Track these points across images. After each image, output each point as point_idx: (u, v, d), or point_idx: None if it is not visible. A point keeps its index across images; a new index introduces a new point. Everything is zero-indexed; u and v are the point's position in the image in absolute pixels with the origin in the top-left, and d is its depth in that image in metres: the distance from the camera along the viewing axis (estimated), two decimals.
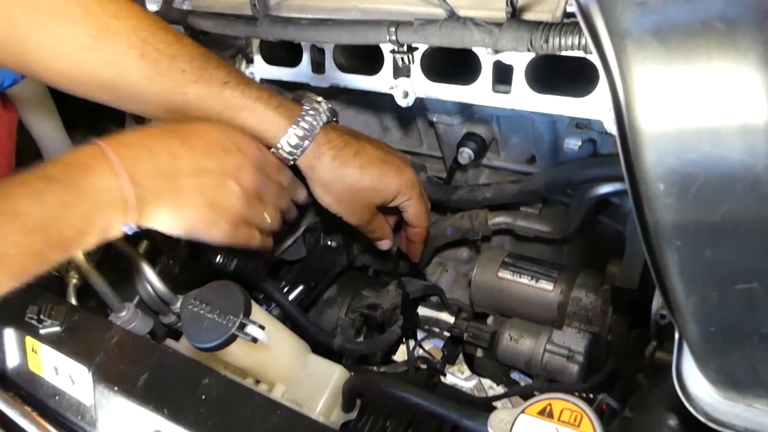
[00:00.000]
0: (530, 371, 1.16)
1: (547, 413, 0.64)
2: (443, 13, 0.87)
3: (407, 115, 1.31)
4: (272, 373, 0.92)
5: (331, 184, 1.02)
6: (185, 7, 1.15)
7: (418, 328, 1.35)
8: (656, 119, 0.42)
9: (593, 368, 1.10)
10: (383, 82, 1.05)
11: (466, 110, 1.17)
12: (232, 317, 0.82)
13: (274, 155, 0.98)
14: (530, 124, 1.13)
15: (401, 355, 1.37)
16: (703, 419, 0.56)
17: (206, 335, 0.82)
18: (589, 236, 1.24)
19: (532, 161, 1.24)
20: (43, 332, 0.95)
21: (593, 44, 0.44)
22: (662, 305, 0.86)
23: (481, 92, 0.97)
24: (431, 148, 1.36)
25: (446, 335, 1.35)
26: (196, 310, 0.84)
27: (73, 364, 0.91)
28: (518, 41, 0.81)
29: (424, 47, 0.98)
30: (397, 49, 0.94)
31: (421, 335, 1.39)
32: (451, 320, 1.38)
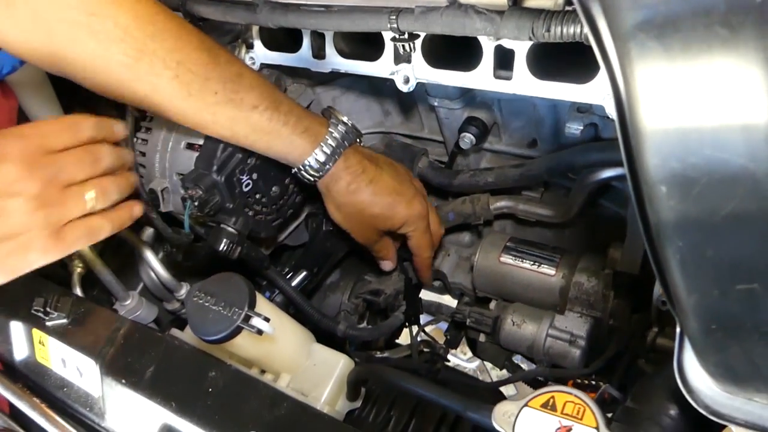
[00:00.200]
0: (533, 356, 1.17)
1: (550, 406, 0.65)
2: (444, 0, 0.86)
3: (408, 99, 1.30)
4: (277, 363, 0.93)
5: (343, 205, 1.09)
6: None
7: (421, 312, 1.36)
8: (659, 122, 0.42)
9: (595, 352, 1.11)
10: (384, 67, 1.04)
11: (467, 94, 1.16)
12: (237, 309, 0.82)
13: (64, 120, 0.85)
14: (532, 107, 1.13)
15: (405, 337, 1.38)
16: (703, 412, 0.57)
17: (211, 327, 0.82)
18: (590, 220, 1.24)
19: (533, 145, 1.24)
20: (49, 324, 0.96)
21: (596, 45, 0.44)
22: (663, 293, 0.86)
23: (482, 78, 0.96)
24: (432, 131, 1.36)
25: (449, 320, 1.36)
26: (201, 302, 0.85)
27: (80, 356, 0.92)
28: (520, 30, 0.81)
29: (425, 33, 0.98)
30: (398, 36, 0.93)
31: (424, 319, 1.40)
32: (453, 303, 1.38)
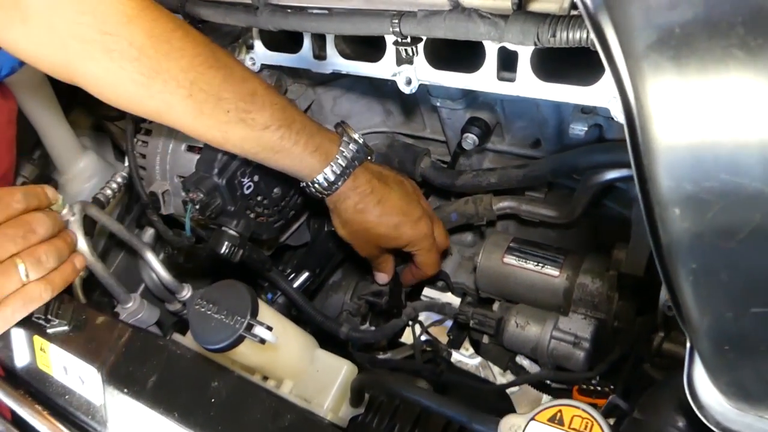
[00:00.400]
0: (536, 357, 1.17)
1: (557, 420, 0.64)
2: (447, 3, 0.85)
3: (410, 99, 1.29)
4: (280, 369, 0.92)
5: (349, 223, 1.09)
6: None
7: (404, 306, 1.36)
8: (672, 144, 0.41)
9: (600, 354, 1.10)
10: (386, 69, 1.03)
11: (469, 95, 1.15)
12: (239, 318, 0.81)
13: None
14: (535, 108, 1.12)
15: (407, 335, 1.37)
16: (714, 429, 0.56)
17: (213, 336, 0.81)
18: (594, 220, 1.23)
19: (536, 145, 1.23)
20: (50, 332, 0.95)
21: (607, 64, 0.43)
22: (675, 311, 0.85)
23: (485, 80, 0.95)
24: (434, 131, 1.35)
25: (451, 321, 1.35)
26: (203, 310, 0.83)
27: (82, 364, 0.91)
28: (525, 35, 0.79)
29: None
30: (400, 40, 0.92)
31: (426, 317, 1.39)
32: (456, 301, 1.38)
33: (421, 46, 0.95)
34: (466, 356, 1.34)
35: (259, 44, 1.18)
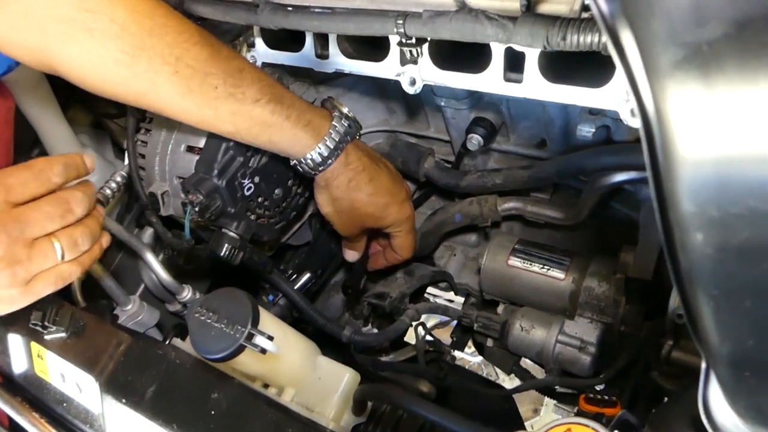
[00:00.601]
0: (541, 362, 1.15)
1: None
2: (453, 3, 0.82)
3: (413, 97, 1.26)
4: (282, 377, 0.91)
5: (338, 200, 1.08)
6: None
7: (361, 288, 1.36)
8: (696, 168, 0.39)
9: (606, 359, 1.09)
10: (389, 68, 1.00)
11: (474, 95, 1.13)
12: (240, 327, 0.80)
13: (31, 168, 0.83)
14: (541, 108, 1.09)
15: (410, 334, 1.36)
16: None
17: (214, 345, 0.80)
18: (600, 222, 1.21)
19: (542, 145, 1.20)
20: (48, 338, 0.94)
21: (627, 80, 0.41)
22: (679, 305, 0.83)
23: (491, 81, 0.93)
24: (439, 131, 1.32)
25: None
26: (203, 318, 0.82)
27: (79, 372, 0.90)
28: (534, 38, 0.77)
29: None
30: (404, 41, 0.89)
31: (428, 318, 1.37)
32: (460, 300, 1.36)
33: (425, 46, 0.93)
34: (468, 354, 1.33)
35: (260, 42, 1.15)
